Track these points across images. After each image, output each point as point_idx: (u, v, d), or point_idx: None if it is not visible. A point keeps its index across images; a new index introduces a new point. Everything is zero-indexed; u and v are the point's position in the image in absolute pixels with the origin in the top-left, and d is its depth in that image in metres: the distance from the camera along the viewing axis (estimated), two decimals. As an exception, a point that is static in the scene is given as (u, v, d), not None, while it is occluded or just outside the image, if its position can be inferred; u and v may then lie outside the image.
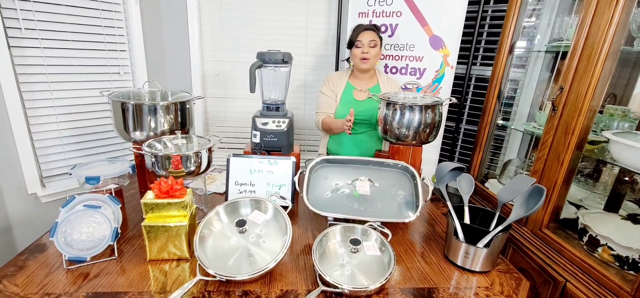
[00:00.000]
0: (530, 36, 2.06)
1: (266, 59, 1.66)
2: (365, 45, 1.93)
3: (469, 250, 1.16)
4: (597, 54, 1.35)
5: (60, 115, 2.07)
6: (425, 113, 1.53)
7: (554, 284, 1.46)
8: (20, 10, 1.82)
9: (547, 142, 1.55)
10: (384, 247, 1.14)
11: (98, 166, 1.44)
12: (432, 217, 1.58)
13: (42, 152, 2.05)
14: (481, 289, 1.10)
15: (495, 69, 1.96)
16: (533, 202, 1.13)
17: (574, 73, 1.44)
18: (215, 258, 1.08)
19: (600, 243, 1.39)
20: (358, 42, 1.94)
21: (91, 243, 1.11)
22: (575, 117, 1.43)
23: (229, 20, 2.63)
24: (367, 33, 1.94)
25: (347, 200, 1.40)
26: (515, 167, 2.15)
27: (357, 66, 2.02)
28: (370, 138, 2.08)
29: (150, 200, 1.11)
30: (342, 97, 2.07)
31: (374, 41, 1.94)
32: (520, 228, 1.68)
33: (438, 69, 2.24)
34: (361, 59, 1.95)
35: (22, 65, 1.88)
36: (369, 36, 1.93)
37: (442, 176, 1.36)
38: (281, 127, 1.68)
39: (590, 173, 1.86)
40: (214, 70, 2.73)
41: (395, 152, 1.66)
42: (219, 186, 1.75)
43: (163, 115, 1.50)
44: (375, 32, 1.96)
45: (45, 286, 1.00)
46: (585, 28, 1.39)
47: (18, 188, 1.96)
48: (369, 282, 1.03)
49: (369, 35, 1.93)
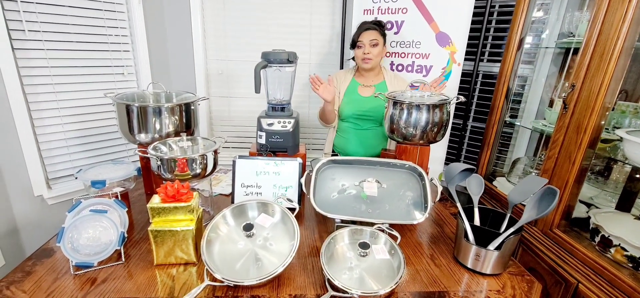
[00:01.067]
0: (538, 31, 2.03)
1: (271, 59, 1.64)
2: (366, 45, 1.92)
3: (479, 253, 1.14)
4: (610, 51, 1.32)
5: (65, 117, 2.07)
6: (433, 112, 1.51)
7: (566, 285, 1.44)
8: (24, 12, 1.81)
9: (558, 140, 1.53)
10: (394, 251, 1.12)
11: (103, 168, 1.43)
12: (440, 217, 1.56)
13: (48, 154, 2.04)
14: (492, 292, 1.08)
15: (504, 66, 1.93)
16: (545, 204, 1.11)
17: (586, 70, 1.41)
18: (223, 263, 1.07)
19: (613, 244, 1.37)
20: (359, 42, 1.94)
21: (98, 248, 1.10)
22: (587, 115, 1.40)
23: (232, 19, 2.60)
24: (368, 32, 1.92)
25: (355, 202, 1.39)
26: (524, 166, 2.12)
27: (360, 66, 2.01)
28: (376, 135, 2.07)
29: (157, 204, 1.10)
30: (346, 93, 2.06)
31: (375, 40, 1.92)
32: (531, 228, 1.66)
33: (445, 66, 2.21)
34: (363, 60, 1.94)
35: (26, 67, 1.87)
36: (370, 35, 1.91)
37: (452, 177, 1.34)
38: (287, 127, 1.67)
39: (601, 171, 1.83)
40: (217, 70, 2.72)
41: (402, 151, 1.64)
42: (225, 187, 1.74)
43: (168, 117, 1.49)
44: (377, 30, 1.94)
45: (52, 292, 1.00)
46: (597, 24, 1.36)
47: (24, 191, 1.96)
48: (378, 286, 1.01)
49: (370, 34, 1.92)
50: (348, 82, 2.07)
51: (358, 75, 2.09)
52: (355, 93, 2.05)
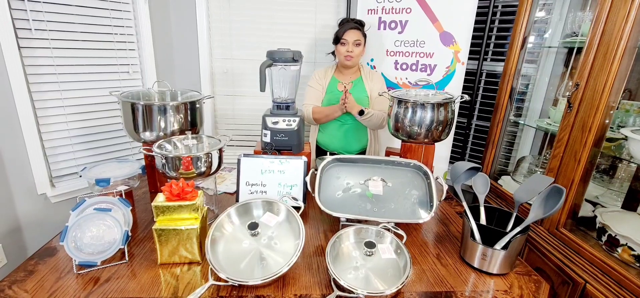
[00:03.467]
0: (541, 31, 2.02)
1: (276, 58, 1.64)
2: (350, 43, 2.00)
3: (486, 252, 1.13)
4: (613, 50, 1.31)
5: (69, 115, 2.06)
6: (438, 110, 1.50)
7: (573, 286, 1.42)
8: (30, 11, 1.81)
9: (563, 139, 1.52)
10: (400, 250, 1.11)
11: (107, 167, 1.43)
12: (445, 216, 1.55)
13: (52, 152, 2.04)
14: (500, 292, 1.07)
15: (508, 65, 1.92)
16: (551, 203, 1.10)
17: (590, 70, 1.40)
18: (227, 262, 1.06)
19: (620, 243, 1.36)
20: (343, 39, 2.00)
21: (101, 246, 1.09)
22: (592, 114, 1.39)
23: (237, 18, 2.60)
24: (353, 32, 1.99)
25: (360, 200, 1.38)
26: (529, 164, 2.11)
27: (341, 62, 2.10)
28: (357, 129, 2.15)
29: (161, 203, 1.09)
30: (327, 89, 2.13)
31: (359, 40, 2.01)
32: (537, 228, 1.65)
33: (449, 65, 2.20)
34: (345, 57, 2.02)
35: (32, 65, 1.87)
36: (354, 35, 1.99)
37: (458, 176, 1.33)
38: (292, 126, 1.66)
39: (606, 169, 1.82)
40: (222, 68, 2.71)
41: (407, 150, 1.64)
42: (230, 186, 1.73)
43: (173, 115, 1.49)
44: (360, 31, 2.02)
45: (55, 292, 0.99)
46: (600, 24, 1.35)
47: (28, 189, 1.96)
48: (384, 286, 1.00)
49: (354, 34, 1.99)
50: (329, 79, 2.15)
51: (337, 72, 2.17)
52: (335, 90, 2.12)
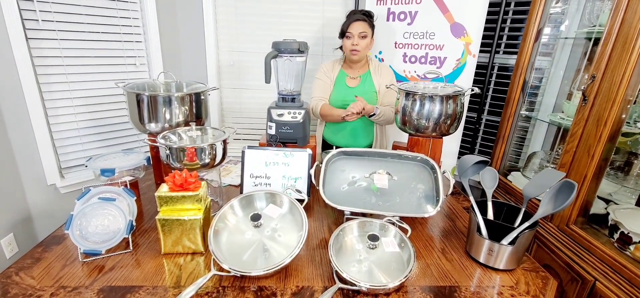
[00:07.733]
0: (557, 22, 1.96)
1: (281, 49, 1.62)
2: (355, 36, 1.91)
3: (492, 247, 1.11)
4: (633, 40, 1.26)
5: (77, 106, 2.09)
6: (446, 103, 1.47)
7: (582, 283, 1.39)
8: (38, 2, 1.83)
9: (577, 133, 1.47)
10: (404, 243, 1.10)
11: (114, 157, 1.44)
12: (452, 211, 1.52)
13: (61, 143, 2.07)
14: (505, 288, 1.05)
15: (521, 57, 1.87)
16: (562, 198, 1.07)
17: (608, 61, 1.35)
18: (230, 253, 1.06)
19: (633, 241, 1.32)
20: (348, 33, 1.93)
21: (106, 235, 1.10)
22: (608, 107, 1.35)
23: (244, 10, 2.59)
24: (358, 24, 1.91)
25: (365, 194, 1.36)
26: (541, 160, 2.06)
27: (348, 57, 2.03)
28: (365, 125, 2.09)
29: (165, 193, 1.09)
30: (335, 83, 2.08)
31: (364, 32, 1.92)
32: (546, 224, 1.61)
33: (459, 58, 2.16)
34: (351, 51, 1.95)
35: (39, 57, 1.90)
36: (360, 27, 1.91)
37: (465, 170, 1.30)
38: (297, 118, 1.65)
39: (621, 166, 1.77)
40: (229, 61, 2.71)
41: (414, 144, 1.61)
42: (234, 178, 1.73)
43: (178, 107, 1.49)
44: (366, 22, 1.93)
45: (60, 279, 1.00)
46: (620, 12, 1.30)
47: (37, 180, 1.99)
48: (387, 279, 0.99)
49: (360, 26, 1.91)
50: (337, 73, 2.09)
51: (345, 66, 2.10)
52: (343, 84, 2.06)
